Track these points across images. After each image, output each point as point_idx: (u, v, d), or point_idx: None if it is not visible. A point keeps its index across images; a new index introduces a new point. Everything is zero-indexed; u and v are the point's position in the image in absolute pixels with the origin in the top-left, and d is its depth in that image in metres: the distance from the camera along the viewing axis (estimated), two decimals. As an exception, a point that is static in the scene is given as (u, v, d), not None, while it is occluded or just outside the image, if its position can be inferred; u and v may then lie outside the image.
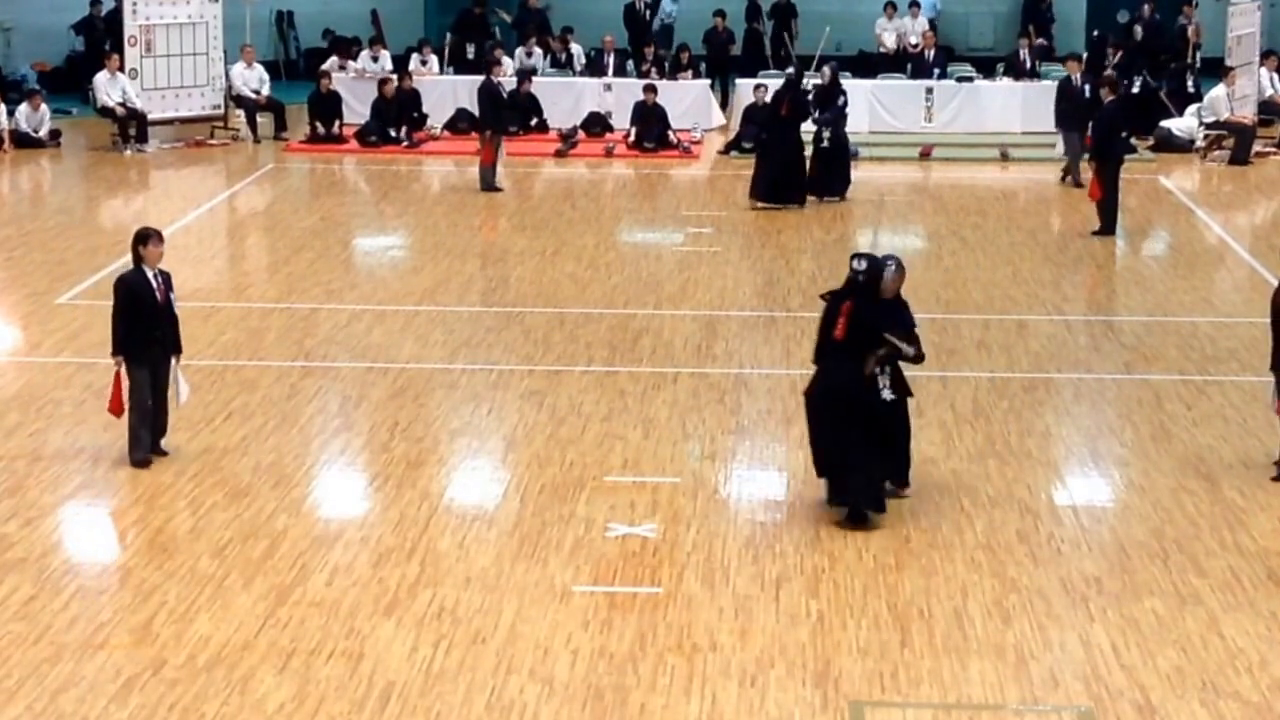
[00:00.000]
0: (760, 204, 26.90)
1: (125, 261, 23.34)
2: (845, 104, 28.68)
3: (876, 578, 13.11)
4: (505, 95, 29.91)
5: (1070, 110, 29.01)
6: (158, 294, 15.24)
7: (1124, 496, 14.93)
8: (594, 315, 20.54)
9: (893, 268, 14.49)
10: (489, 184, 28.43)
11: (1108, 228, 24.76)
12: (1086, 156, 26.66)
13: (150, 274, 15.27)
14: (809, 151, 27.61)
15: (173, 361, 15.36)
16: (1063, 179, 29.10)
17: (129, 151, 31.79)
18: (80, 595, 12.74)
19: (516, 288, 22.00)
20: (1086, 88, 28.79)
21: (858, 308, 13.95)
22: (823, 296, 14.38)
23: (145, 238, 15.30)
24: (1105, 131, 25.13)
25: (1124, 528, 14.17)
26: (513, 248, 24.48)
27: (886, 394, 14.26)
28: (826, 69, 29.14)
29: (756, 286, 22.08)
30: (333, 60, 36.06)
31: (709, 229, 25.46)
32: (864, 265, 14.06)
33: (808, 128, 27.78)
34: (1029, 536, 13.94)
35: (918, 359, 14.54)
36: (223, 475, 15.18)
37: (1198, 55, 35.33)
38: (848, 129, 28.79)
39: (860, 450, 13.90)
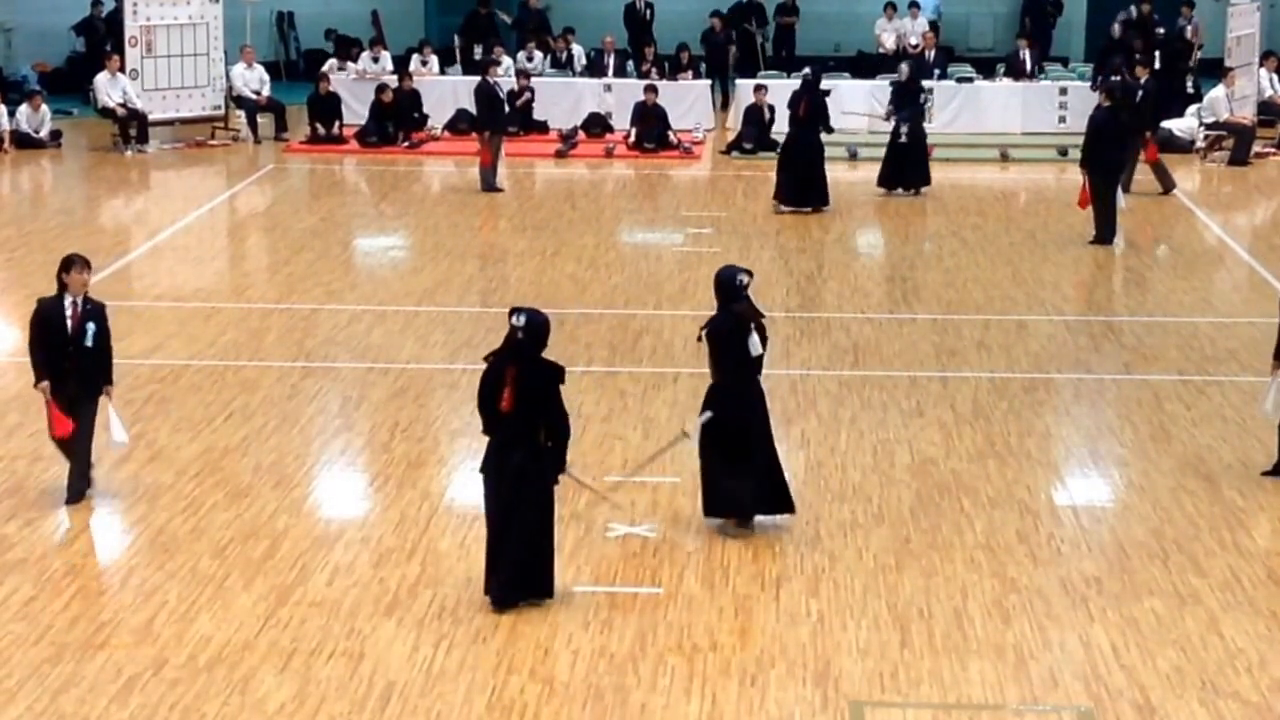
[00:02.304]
0: (785, 208, 26.81)
1: (127, 262, 23.54)
2: (926, 101, 28.73)
3: (876, 578, 13.12)
4: (502, 95, 29.90)
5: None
6: (70, 323, 14.37)
7: (1124, 497, 14.95)
8: (594, 315, 20.54)
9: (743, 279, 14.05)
10: (489, 185, 28.44)
11: (1101, 237, 24.63)
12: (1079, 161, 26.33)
13: (68, 301, 14.46)
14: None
15: (102, 398, 14.48)
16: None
17: (129, 152, 31.80)
18: (81, 595, 12.76)
19: (516, 288, 22.00)
20: (1140, 93, 28.50)
21: (522, 374, 12.34)
22: (485, 358, 12.81)
23: (69, 264, 14.46)
24: (1093, 139, 24.98)
25: (1124, 528, 14.18)
26: (513, 248, 24.49)
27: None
28: (905, 66, 29.22)
29: (756, 287, 21.86)
30: (332, 62, 36.10)
31: (709, 229, 25.46)
32: (522, 320, 12.40)
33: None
34: (1029, 537, 13.95)
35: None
36: (223, 475, 15.20)
37: (1197, 56, 35.33)
38: (926, 125, 29.06)
39: (535, 533, 12.47)
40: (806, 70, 28.41)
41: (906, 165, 28.40)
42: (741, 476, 13.77)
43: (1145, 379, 18.27)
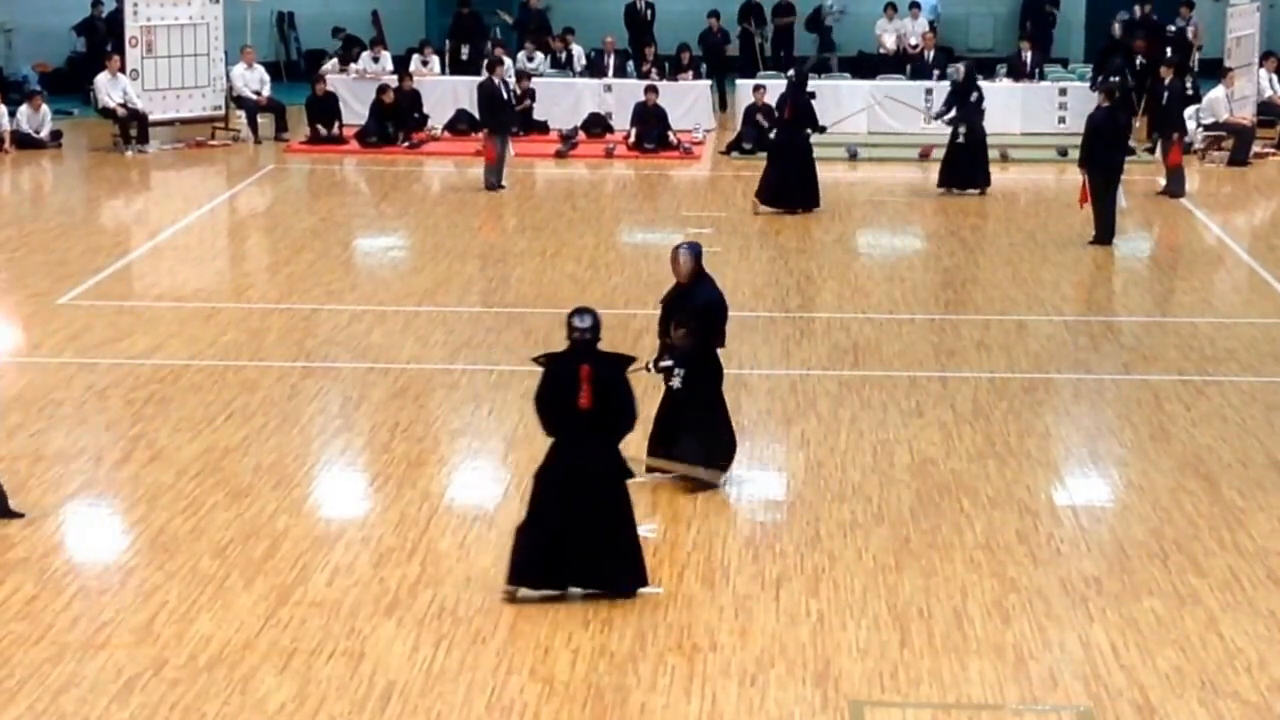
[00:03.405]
0: (765, 208, 26.81)
1: (127, 262, 23.54)
2: (980, 99, 28.73)
3: (876, 578, 13.11)
4: (506, 95, 29.88)
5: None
6: None
7: (1123, 497, 14.94)
8: (594, 316, 20.48)
9: (679, 252, 14.77)
10: (489, 183, 28.45)
11: (1101, 237, 24.58)
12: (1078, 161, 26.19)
13: None
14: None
15: None
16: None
17: (130, 152, 31.78)
18: (82, 595, 12.74)
19: (517, 288, 22.00)
20: (1166, 95, 28.23)
21: (597, 371, 12.48)
22: (536, 360, 12.82)
23: None
24: (1091, 139, 24.92)
25: (1123, 528, 14.17)
26: (513, 248, 24.47)
27: (675, 382, 14.64)
28: (960, 66, 29.24)
29: (755, 287, 22.07)
30: (333, 62, 36.07)
31: (709, 230, 25.44)
32: (588, 322, 12.51)
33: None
34: (1028, 537, 13.94)
35: (692, 348, 14.77)
36: (224, 475, 15.19)
37: (1196, 57, 35.26)
38: (985, 124, 29.12)
39: (624, 526, 12.68)
40: (791, 71, 28.39)
41: (963, 165, 28.41)
42: (704, 442, 14.86)
43: (1145, 379, 18.26)
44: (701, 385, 14.82)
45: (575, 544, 12.53)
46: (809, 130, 27.09)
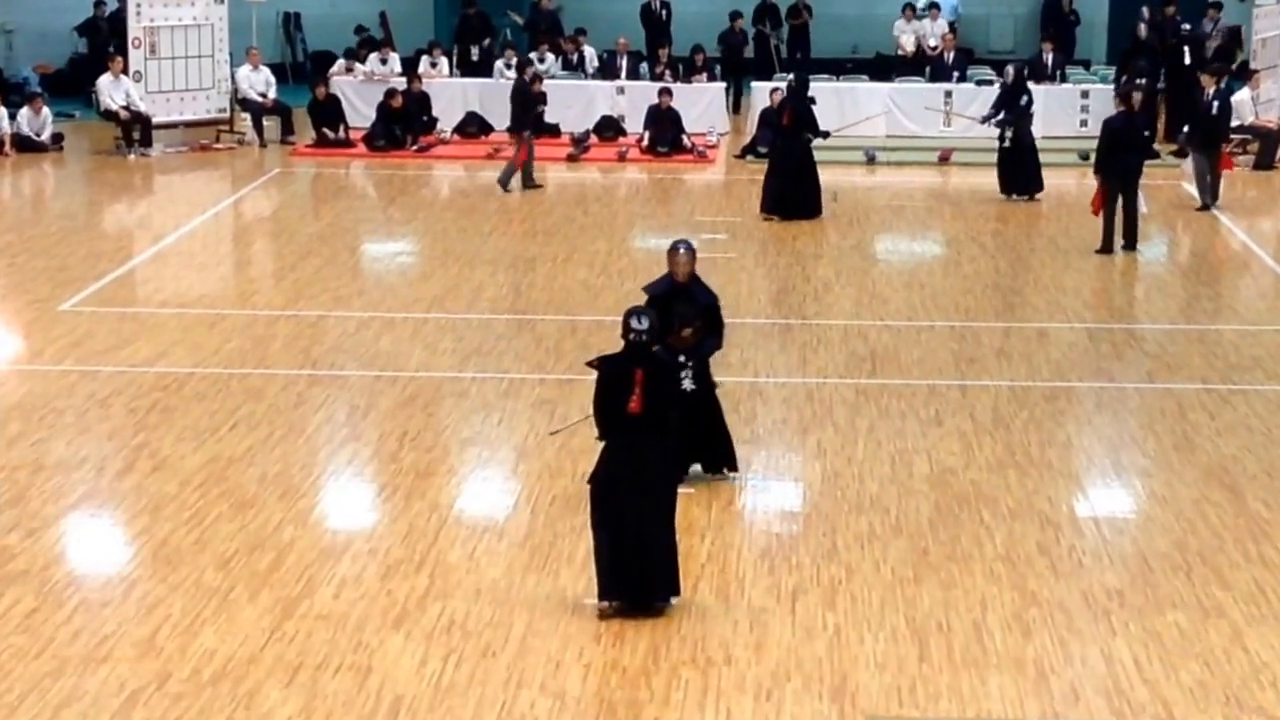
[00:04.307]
0: (768, 217, 26.62)
1: (130, 268, 23.44)
2: (1029, 104, 28.57)
3: (894, 590, 12.96)
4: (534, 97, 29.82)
5: (1195, 126, 28.32)
6: None
7: (1146, 508, 14.80)
8: (607, 323, 20.27)
9: (682, 250, 14.96)
10: (517, 181, 28.43)
11: (1106, 246, 24.25)
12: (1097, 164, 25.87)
13: None
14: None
15: None
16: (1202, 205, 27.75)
17: (133, 155, 31.71)
18: (83, 608, 12.60)
19: (528, 294, 21.87)
20: (1216, 104, 27.84)
21: (651, 375, 12.38)
22: (590, 364, 12.84)
23: None
24: (1105, 145, 24.63)
25: (1146, 540, 14.02)
26: (524, 254, 24.33)
27: (687, 384, 14.35)
28: (1010, 69, 29.12)
29: (771, 294, 21.97)
30: (340, 63, 35.95)
31: (723, 235, 25.29)
32: (645, 324, 12.43)
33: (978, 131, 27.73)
34: (1050, 548, 13.78)
35: (716, 346, 14.92)
36: (228, 486, 15.05)
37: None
38: (1032, 128, 28.93)
39: (665, 533, 12.50)
40: (790, 78, 28.30)
41: (1015, 170, 28.23)
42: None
43: (1168, 388, 18.10)
44: (709, 383, 14.90)
45: (631, 551, 12.38)
46: (810, 136, 26.89)
